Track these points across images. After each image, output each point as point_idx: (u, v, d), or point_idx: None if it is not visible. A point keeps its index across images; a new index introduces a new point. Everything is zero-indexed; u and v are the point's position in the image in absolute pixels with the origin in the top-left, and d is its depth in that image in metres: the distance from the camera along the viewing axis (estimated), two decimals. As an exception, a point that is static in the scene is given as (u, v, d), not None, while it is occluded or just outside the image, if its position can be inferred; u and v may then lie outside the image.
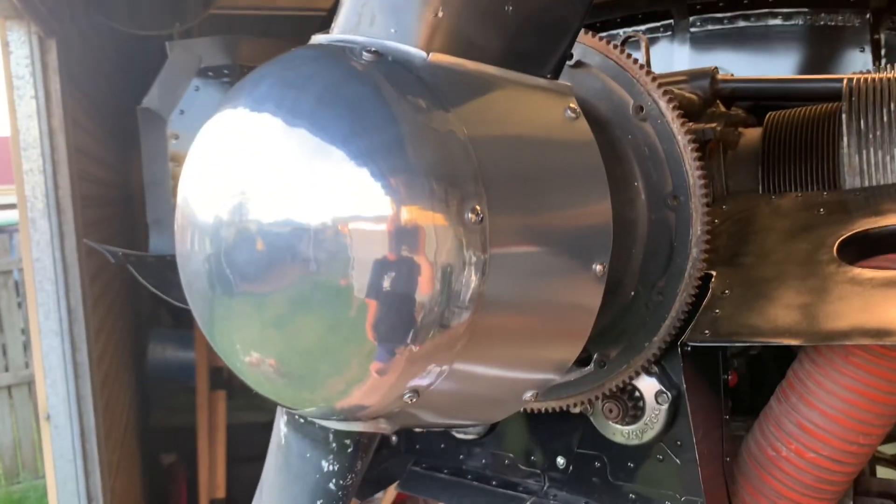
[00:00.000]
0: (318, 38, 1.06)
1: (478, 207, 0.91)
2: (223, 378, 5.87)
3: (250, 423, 6.02)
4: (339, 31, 1.04)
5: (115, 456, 4.33)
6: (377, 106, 0.93)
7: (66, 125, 3.53)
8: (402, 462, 1.80)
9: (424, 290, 0.92)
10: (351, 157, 0.91)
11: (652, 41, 2.34)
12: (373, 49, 0.97)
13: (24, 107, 3.46)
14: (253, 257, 0.98)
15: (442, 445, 1.74)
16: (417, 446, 1.80)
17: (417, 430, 1.73)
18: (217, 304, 1.05)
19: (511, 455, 1.64)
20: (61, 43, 3.55)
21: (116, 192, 5.68)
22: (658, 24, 2.29)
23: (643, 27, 2.30)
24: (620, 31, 2.28)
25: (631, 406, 1.40)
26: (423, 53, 0.98)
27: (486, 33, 1.02)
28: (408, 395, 0.98)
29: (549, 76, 1.07)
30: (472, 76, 1.00)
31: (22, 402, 8.04)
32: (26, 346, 8.10)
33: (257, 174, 0.96)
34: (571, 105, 1.07)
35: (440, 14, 0.99)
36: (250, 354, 1.06)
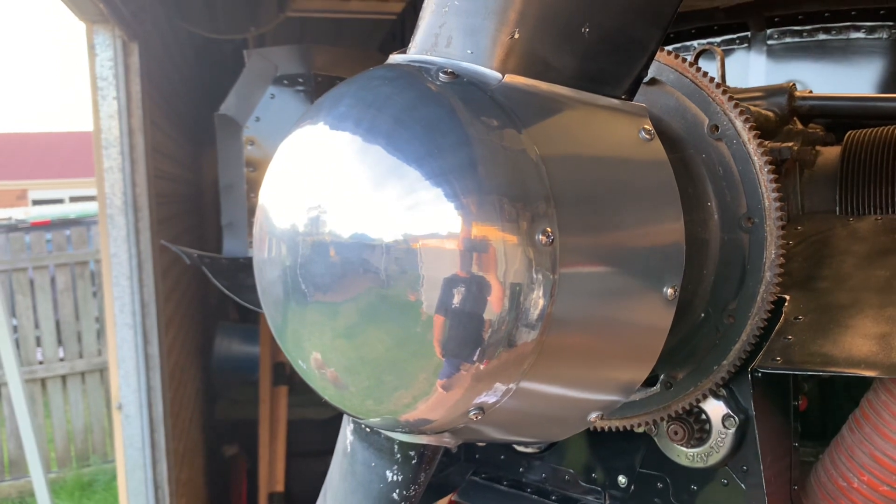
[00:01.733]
0: (395, 58, 1.08)
1: (548, 229, 0.92)
2: (286, 374, 5.98)
3: (310, 420, 6.14)
4: (416, 52, 1.06)
5: (181, 445, 4.47)
6: (452, 127, 0.95)
7: (144, 125, 3.67)
8: (462, 471, 1.81)
9: (493, 308, 0.93)
10: (425, 177, 0.93)
11: (727, 53, 2.29)
12: (449, 70, 0.98)
13: (106, 107, 3.61)
14: (326, 269, 1.01)
15: (502, 457, 1.74)
16: (477, 456, 1.80)
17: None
18: (290, 311, 1.08)
19: (571, 471, 1.63)
20: (143, 46, 3.69)
21: (187, 190, 5.86)
22: (734, 35, 2.24)
23: (718, 39, 2.26)
24: (695, 43, 2.25)
25: (697, 429, 1.38)
26: (499, 75, 0.99)
27: (561, 55, 1.03)
28: (473, 412, 0.99)
29: (623, 97, 1.07)
30: (545, 97, 1.01)
31: (94, 387, 8.35)
32: (100, 334, 8.42)
33: (334, 190, 0.99)
34: (646, 126, 1.06)
35: (516, 36, 1.00)
36: (320, 362, 1.08)
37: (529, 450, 1.68)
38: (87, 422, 8.33)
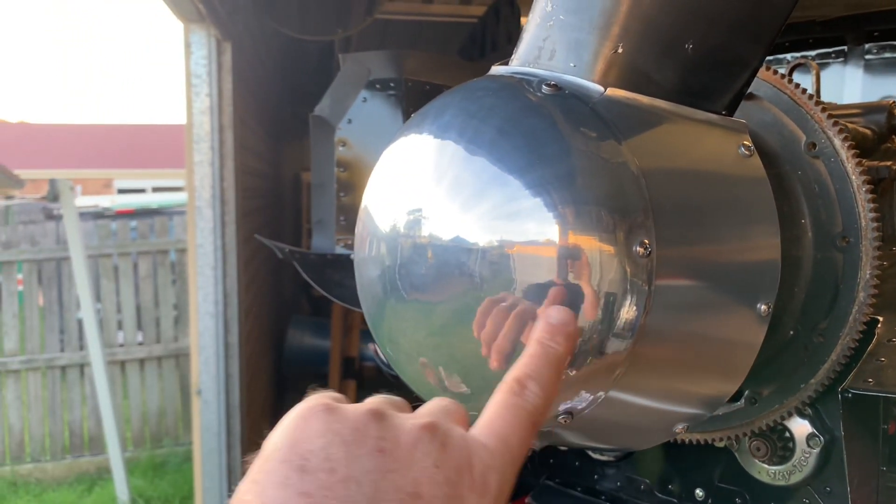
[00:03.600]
0: (497, 70, 1.11)
1: (646, 240, 0.94)
2: (355, 368, 6.10)
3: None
4: (519, 63, 1.09)
5: (254, 434, 4.61)
6: (553, 138, 0.98)
7: (234, 122, 3.80)
8: (535, 475, 1.83)
9: (585, 317, 0.95)
10: (525, 187, 0.96)
11: (822, 67, 2.25)
12: (552, 83, 1.01)
13: (199, 103, 3.76)
14: (424, 270, 1.05)
15: (577, 463, 1.76)
16: (551, 461, 1.82)
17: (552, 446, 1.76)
18: (387, 308, 1.13)
19: (647, 481, 1.64)
20: (235, 45, 3.83)
21: (268, 185, 6.04)
22: (829, 49, 2.20)
23: (813, 52, 2.22)
24: (788, 56, 2.21)
25: (780, 446, 1.37)
26: (601, 88, 1.01)
27: (663, 69, 1.04)
28: (562, 417, 1.01)
29: (723, 112, 1.08)
30: (646, 111, 1.02)
31: (169, 372, 8.66)
32: (177, 321, 8.73)
33: (436, 195, 1.03)
34: (745, 142, 1.07)
35: (619, 50, 1.02)
36: (414, 359, 1.13)
37: (605, 457, 1.69)
38: (162, 405, 8.65)
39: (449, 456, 0.69)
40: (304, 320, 6.77)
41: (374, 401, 0.76)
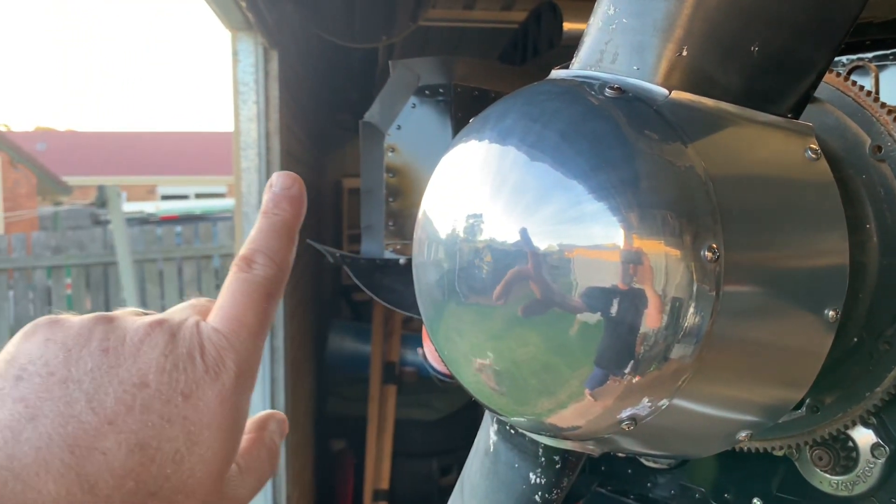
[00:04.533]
0: (558, 74, 1.11)
1: (714, 245, 0.93)
2: (395, 373, 6.12)
3: (417, 420, 6.25)
4: (580, 67, 1.08)
5: (297, 437, 4.65)
6: (617, 142, 0.97)
7: (280, 129, 3.85)
8: (587, 482, 1.82)
9: (650, 322, 0.94)
10: (589, 191, 0.95)
11: (880, 68, 2.20)
12: (615, 86, 1.01)
13: (246, 111, 3.81)
14: (483, 273, 1.05)
15: (629, 471, 1.74)
16: (603, 468, 1.81)
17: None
18: (446, 312, 1.13)
19: (702, 489, 1.61)
20: (282, 53, 3.88)
21: (311, 191, 6.10)
22: (888, 52, 2.15)
23: (870, 55, 2.17)
24: (844, 59, 2.17)
25: (843, 456, 1.34)
26: (665, 91, 1.00)
27: (728, 72, 1.03)
28: (625, 423, 1.01)
29: (789, 115, 1.06)
30: (711, 113, 1.01)
31: (213, 376, 8.77)
32: (220, 326, 8.85)
33: (498, 200, 1.03)
34: (812, 146, 1.05)
35: (684, 53, 1.01)
36: (472, 361, 1.13)
37: (658, 465, 1.67)
38: (205, 408, 8.76)
39: (178, 344, 0.68)
40: (345, 325, 6.82)
41: (122, 311, 0.74)
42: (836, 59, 2.20)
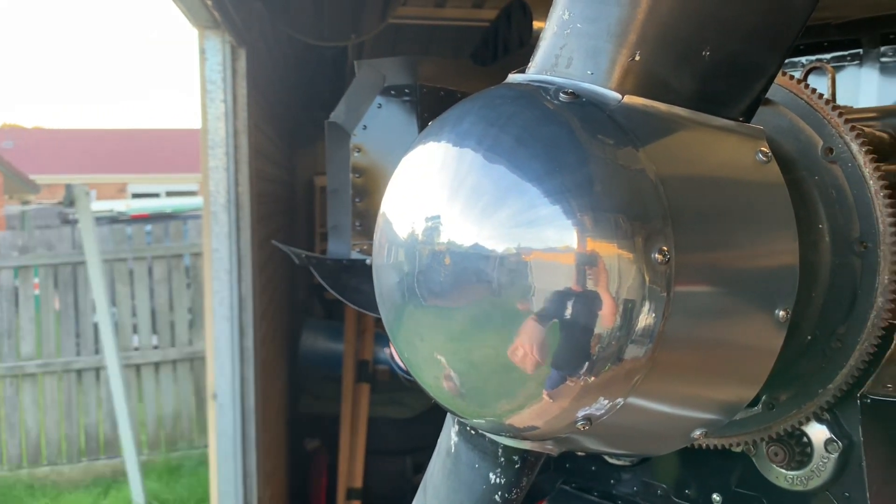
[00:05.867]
0: (515, 78, 1.12)
1: (664, 247, 0.94)
2: (368, 371, 6.11)
3: (390, 419, 6.25)
4: (536, 71, 1.09)
5: (268, 437, 4.63)
6: (571, 146, 0.98)
7: (249, 128, 3.83)
8: (551, 480, 1.83)
9: (604, 323, 0.95)
10: (544, 195, 0.96)
11: (837, 70, 2.24)
12: (569, 91, 1.02)
13: (213, 109, 3.79)
14: (442, 276, 1.05)
15: (593, 468, 1.76)
16: (567, 465, 1.83)
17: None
18: (405, 314, 1.14)
19: (664, 486, 1.64)
20: (250, 51, 3.85)
21: (282, 190, 6.07)
22: (845, 52, 2.19)
23: (828, 55, 2.21)
24: (803, 59, 2.21)
25: (798, 451, 1.37)
26: (618, 95, 1.02)
27: (681, 76, 1.05)
28: (581, 423, 1.02)
29: (741, 119, 1.08)
30: (664, 118, 1.03)
31: (184, 376, 8.72)
32: (191, 325, 8.79)
33: (455, 203, 1.04)
34: (763, 149, 1.07)
35: (637, 58, 1.02)
36: (432, 364, 1.13)
37: (621, 462, 1.69)
38: (177, 408, 8.70)
39: None
40: (318, 324, 6.80)
41: None
42: (795, 60, 2.24)
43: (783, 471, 1.40)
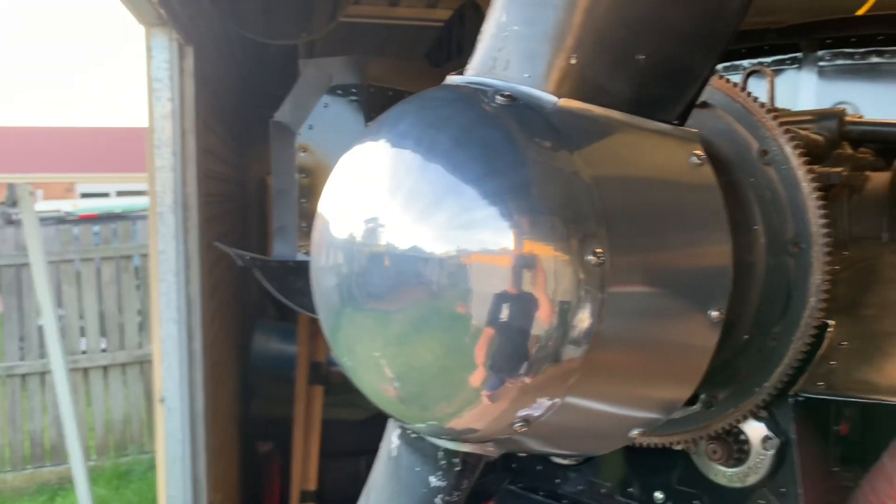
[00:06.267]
0: (453, 80, 1.11)
1: (598, 249, 0.95)
2: (322, 373, 6.06)
3: (344, 420, 6.20)
4: (474, 73, 1.09)
5: (219, 441, 4.56)
6: (508, 148, 0.99)
7: (196, 127, 3.75)
8: (498, 480, 1.84)
9: (541, 324, 0.96)
10: (481, 197, 0.96)
11: (777, 73, 2.29)
12: (506, 93, 1.02)
13: (160, 108, 3.70)
14: (381, 279, 1.05)
15: (539, 468, 1.77)
16: (514, 466, 1.83)
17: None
18: (344, 318, 1.13)
19: (608, 484, 1.65)
20: (198, 49, 3.78)
21: (233, 189, 5.98)
22: (785, 56, 2.25)
23: (769, 59, 2.26)
24: (745, 63, 2.25)
25: (736, 449, 1.39)
26: (554, 98, 1.02)
27: (616, 80, 1.06)
28: (518, 424, 1.02)
29: (675, 122, 1.10)
30: (599, 121, 1.04)
31: (134, 379, 8.53)
32: (141, 327, 8.60)
33: (393, 204, 1.03)
34: (697, 151, 1.09)
35: (573, 61, 1.03)
36: (370, 368, 1.12)
37: (567, 462, 1.70)
38: (126, 412, 8.52)
39: None
40: (270, 325, 6.71)
41: None
42: (738, 63, 2.29)
43: (722, 468, 1.43)
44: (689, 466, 1.49)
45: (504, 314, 0.96)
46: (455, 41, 3.73)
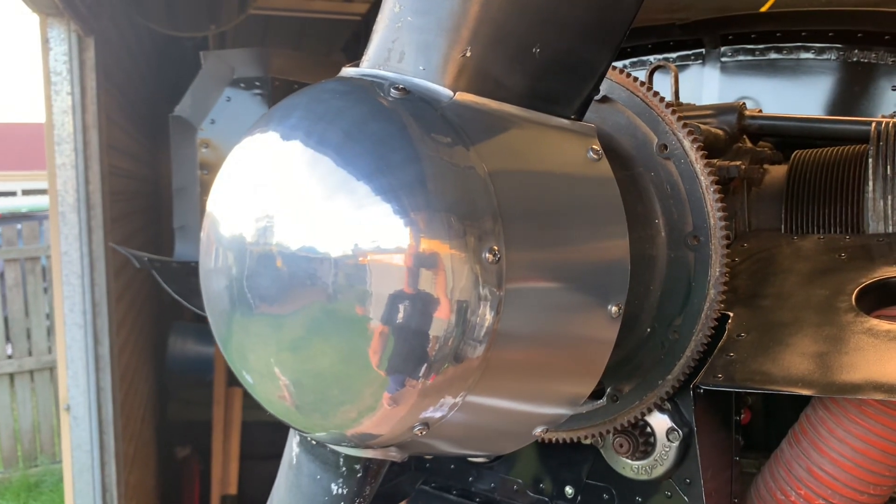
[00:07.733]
0: (347, 72, 1.08)
1: (495, 246, 0.93)
2: (241, 375, 5.92)
3: (264, 422, 6.08)
4: (369, 66, 1.06)
5: (131, 448, 4.39)
6: (402, 143, 0.95)
7: (99, 121, 3.60)
8: (412, 480, 1.81)
9: (439, 324, 0.93)
10: (375, 193, 0.93)
11: (681, 68, 2.34)
12: (400, 86, 0.99)
13: (59, 102, 3.53)
14: (273, 280, 1.00)
15: (452, 467, 1.75)
16: (427, 465, 1.81)
17: (428, 450, 1.74)
18: (235, 322, 1.07)
19: (520, 481, 1.65)
20: (99, 41, 3.62)
21: (144, 187, 5.76)
22: (689, 52, 2.29)
23: (674, 55, 2.30)
24: (651, 58, 2.28)
25: (642, 441, 1.40)
26: (450, 92, 0.99)
27: (512, 74, 1.04)
28: (418, 427, 0.99)
29: (573, 117, 1.08)
30: (495, 116, 1.01)
31: (43, 386, 8.16)
32: (50, 332, 8.23)
33: (283, 202, 0.99)
34: (594, 146, 1.08)
35: (468, 54, 1.01)
36: (264, 375, 1.08)
37: (479, 460, 1.69)
38: (36, 421, 8.14)
39: None
40: (186, 327, 6.50)
41: None
42: (644, 58, 2.32)
43: (629, 461, 1.43)
44: (599, 460, 1.49)
45: (401, 315, 0.93)
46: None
